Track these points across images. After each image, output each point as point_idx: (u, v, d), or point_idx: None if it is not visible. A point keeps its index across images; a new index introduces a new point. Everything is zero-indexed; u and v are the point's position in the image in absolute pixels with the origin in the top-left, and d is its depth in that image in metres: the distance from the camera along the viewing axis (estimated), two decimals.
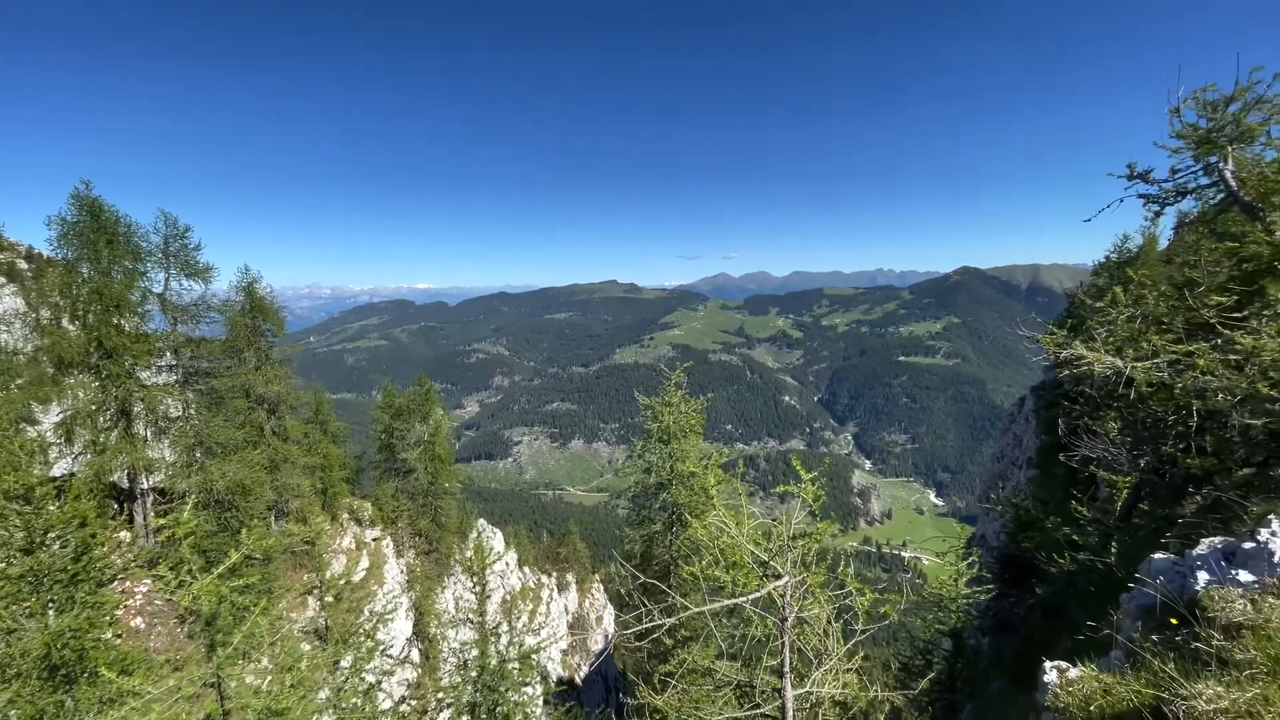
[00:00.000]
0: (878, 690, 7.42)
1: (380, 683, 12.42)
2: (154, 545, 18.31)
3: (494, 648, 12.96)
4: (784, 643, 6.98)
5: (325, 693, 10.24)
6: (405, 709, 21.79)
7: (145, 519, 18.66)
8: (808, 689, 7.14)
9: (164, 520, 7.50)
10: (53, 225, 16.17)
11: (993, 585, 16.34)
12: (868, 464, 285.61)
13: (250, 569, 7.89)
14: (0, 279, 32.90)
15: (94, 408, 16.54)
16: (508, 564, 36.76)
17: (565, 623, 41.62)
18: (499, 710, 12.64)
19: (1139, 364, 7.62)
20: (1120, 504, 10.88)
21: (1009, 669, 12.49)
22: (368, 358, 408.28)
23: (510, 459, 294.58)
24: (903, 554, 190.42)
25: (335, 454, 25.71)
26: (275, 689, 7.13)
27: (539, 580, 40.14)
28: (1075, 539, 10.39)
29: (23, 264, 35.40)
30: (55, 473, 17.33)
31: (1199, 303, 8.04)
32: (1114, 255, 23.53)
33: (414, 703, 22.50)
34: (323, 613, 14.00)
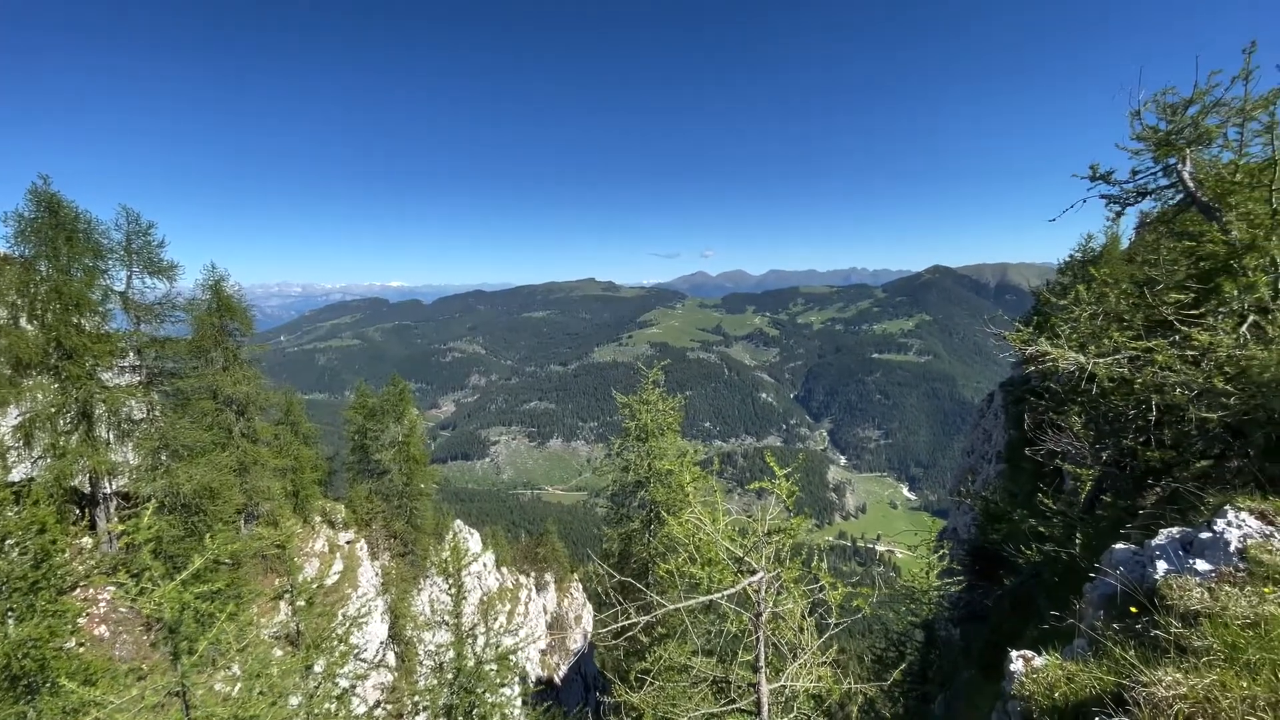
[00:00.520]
0: (851, 682, 7.52)
1: (354, 687, 12.22)
2: (117, 551, 17.79)
3: (470, 649, 12.83)
4: (759, 638, 7.03)
5: (296, 699, 10.04)
6: (381, 713, 21.50)
7: (108, 524, 18.11)
8: (783, 683, 7.21)
9: (123, 526, 7.27)
10: (9, 222, 15.59)
11: (963, 577, 16.65)
12: (843, 459, 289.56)
13: (217, 574, 7.70)
14: None
15: (53, 410, 15.99)
16: (485, 564, 36.47)
17: (544, 622, 41.45)
18: (476, 712, 12.54)
19: (1101, 360, 7.82)
20: (1084, 496, 11.16)
21: (978, 658, 12.75)
22: (340, 357, 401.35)
23: (488, 459, 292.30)
24: (876, 548, 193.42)
25: (307, 456, 25.25)
26: (243, 696, 6.97)
27: (517, 580, 39.90)
28: (1041, 531, 10.63)
29: None
30: (14, 477, 16.72)
31: (1158, 300, 8.28)
32: (1078, 254, 24.16)
33: (389, 706, 22.21)
34: (295, 617, 13.73)
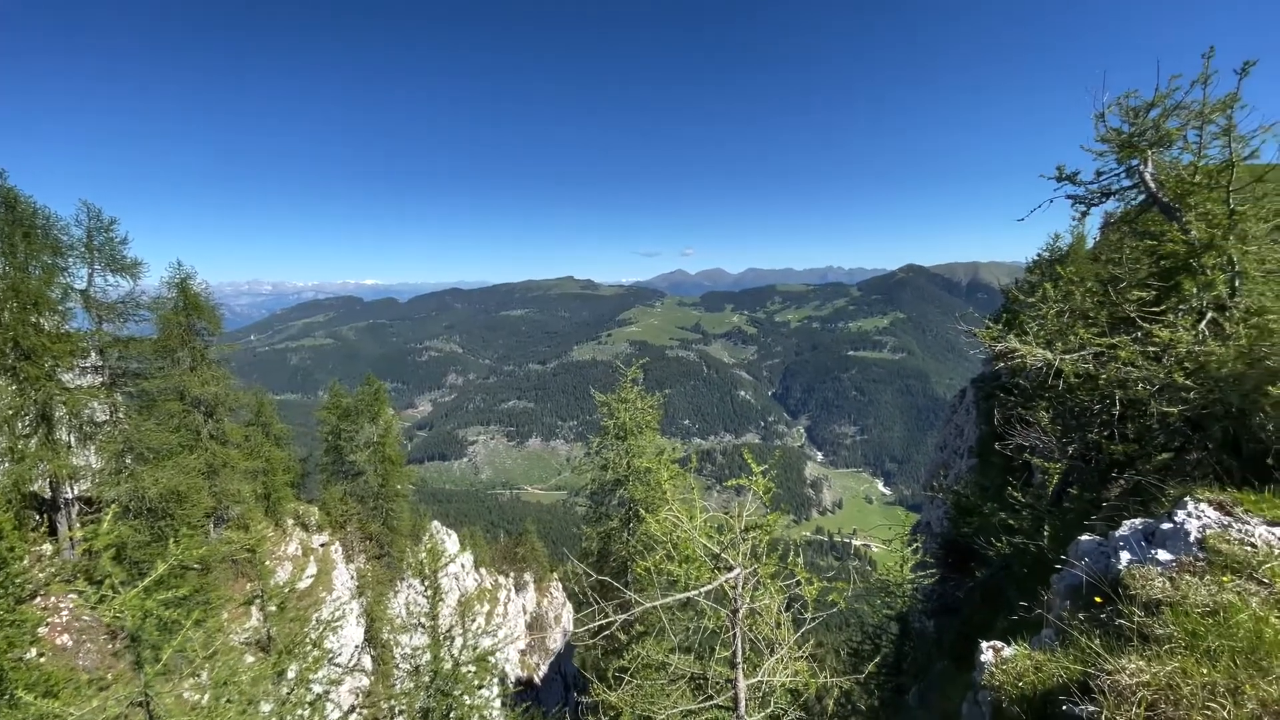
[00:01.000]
0: (827, 676, 7.59)
1: (329, 692, 12.00)
2: (79, 558, 17.26)
3: (447, 651, 12.70)
4: (736, 634, 7.06)
5: (268, 705, 9.84)
6: (356, 718, 21.20)
7: (70, 530, 17.57)
8: (760, 678, 7.25)
9: (81, 532, 7.05)
10: None
11: (936, 570, 16.95)
12: (819, 456, 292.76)
13: (184, 580, 7.50)
14: None
15: (11, 413, 15.45)
16: (463, 565, 36.14)
17: (523, 623, 41.22)
18: (453, 714, 12.40)
19: (1067, 356, 8.00)
20: (1051, 489, 11.44)
21: (951, 649, 12.99)
22: (313, 357, 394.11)
23: (465, 459, 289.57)
24: (852, 542, 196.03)
25: (279, 457, 24.74)
26: (211, 704, 6.78)
27: (496, 581, 39.61)
28: (1011, 524, 10.86)
29: None
30: None
31: (1121, 298, 8.51)
32: (1046, 253, 24.64)
33: (365, 711, 21.90)
34: (266, 623, 13.45)
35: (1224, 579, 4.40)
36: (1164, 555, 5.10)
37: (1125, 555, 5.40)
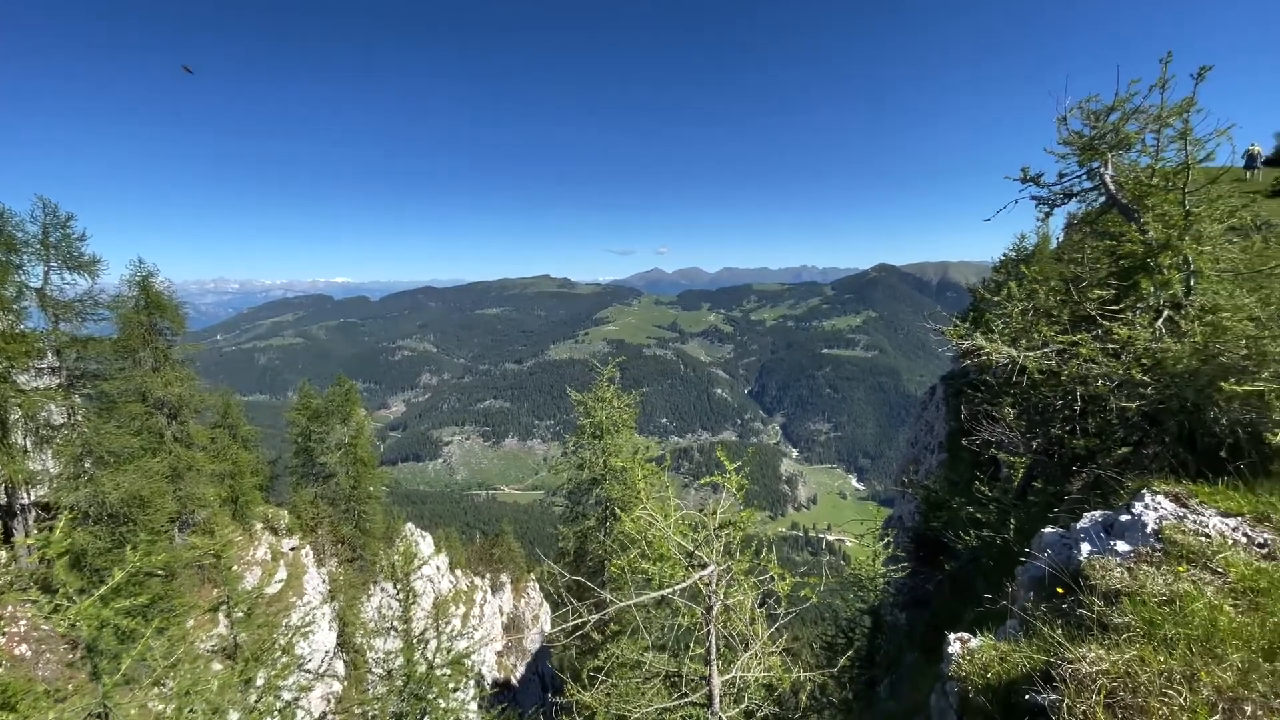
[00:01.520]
0: (801, 671, 7.68)
1: (299, 699, 11.77)
2: (37, 565, 16.65)
3: (422, 654, 12.54)
4: (710, 630, 7.10)
5: (235, 714, 9.61)
6: None
7: (26, 537, 16.93)
8: (734, 674, 7.30)
9: (33, 540, 6.79)
10: None
11: (908, 563, 17.22)
12: (795, 452, 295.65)
13: (143, 587, 7.27)
14: None
15: None
16: (438, 567, 35.74)
17: (500, 624, 40.93)
18: (427, 718, 12.27)
19: (1031, 353, 8.19)
20: (1017, 483, 11.70)
21: (921, 641, 13.22)
22: (282, 357, 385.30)
23: (440, 460, 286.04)
24: (827, 537, 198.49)
25: (247, 460, 24.15)
26: (175, 715, 6.59)
27: (472, 582, 39.25)
28: (978, 517, 11.09)
29: None
30: None
31: (1082, 296, 8.74)
32: (1012, 253, 25.25)
33: (338, 716, 21.53)
34: (234, 629, 13.14)
35: (1180, 569, 4.52)
36: (1123, 546, 5.22)
37: (1086, 547, 5.52)
